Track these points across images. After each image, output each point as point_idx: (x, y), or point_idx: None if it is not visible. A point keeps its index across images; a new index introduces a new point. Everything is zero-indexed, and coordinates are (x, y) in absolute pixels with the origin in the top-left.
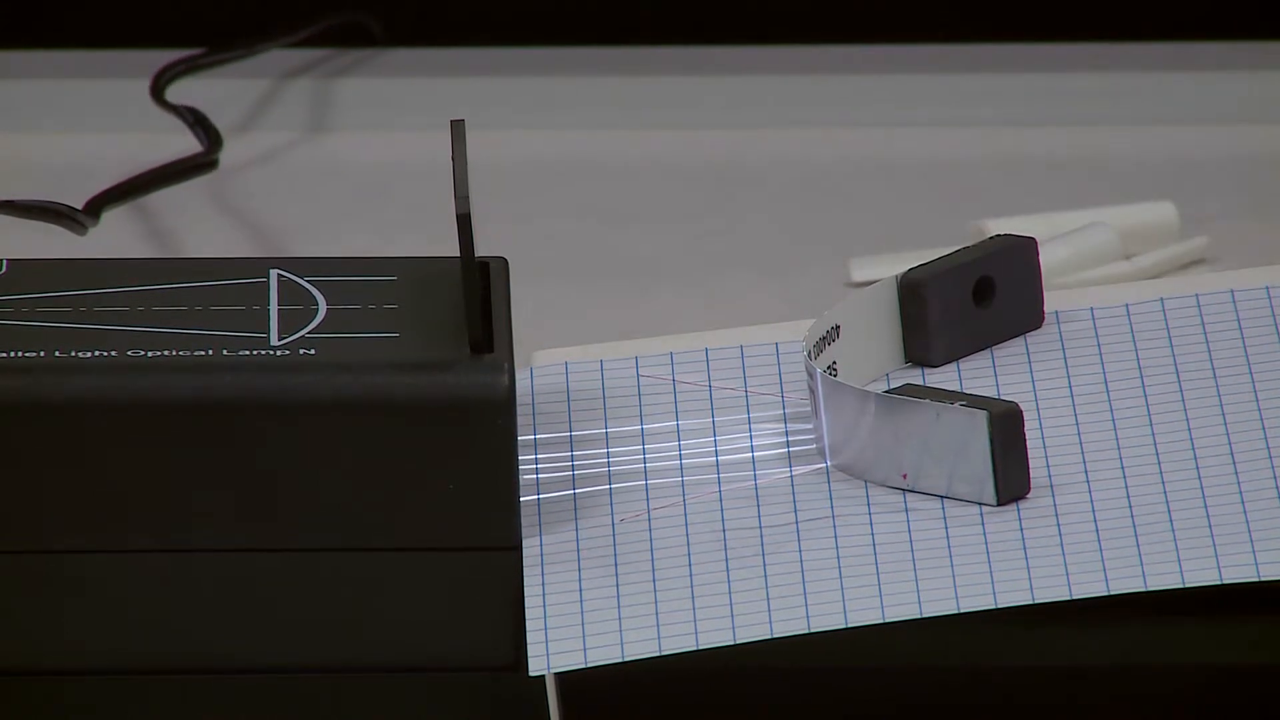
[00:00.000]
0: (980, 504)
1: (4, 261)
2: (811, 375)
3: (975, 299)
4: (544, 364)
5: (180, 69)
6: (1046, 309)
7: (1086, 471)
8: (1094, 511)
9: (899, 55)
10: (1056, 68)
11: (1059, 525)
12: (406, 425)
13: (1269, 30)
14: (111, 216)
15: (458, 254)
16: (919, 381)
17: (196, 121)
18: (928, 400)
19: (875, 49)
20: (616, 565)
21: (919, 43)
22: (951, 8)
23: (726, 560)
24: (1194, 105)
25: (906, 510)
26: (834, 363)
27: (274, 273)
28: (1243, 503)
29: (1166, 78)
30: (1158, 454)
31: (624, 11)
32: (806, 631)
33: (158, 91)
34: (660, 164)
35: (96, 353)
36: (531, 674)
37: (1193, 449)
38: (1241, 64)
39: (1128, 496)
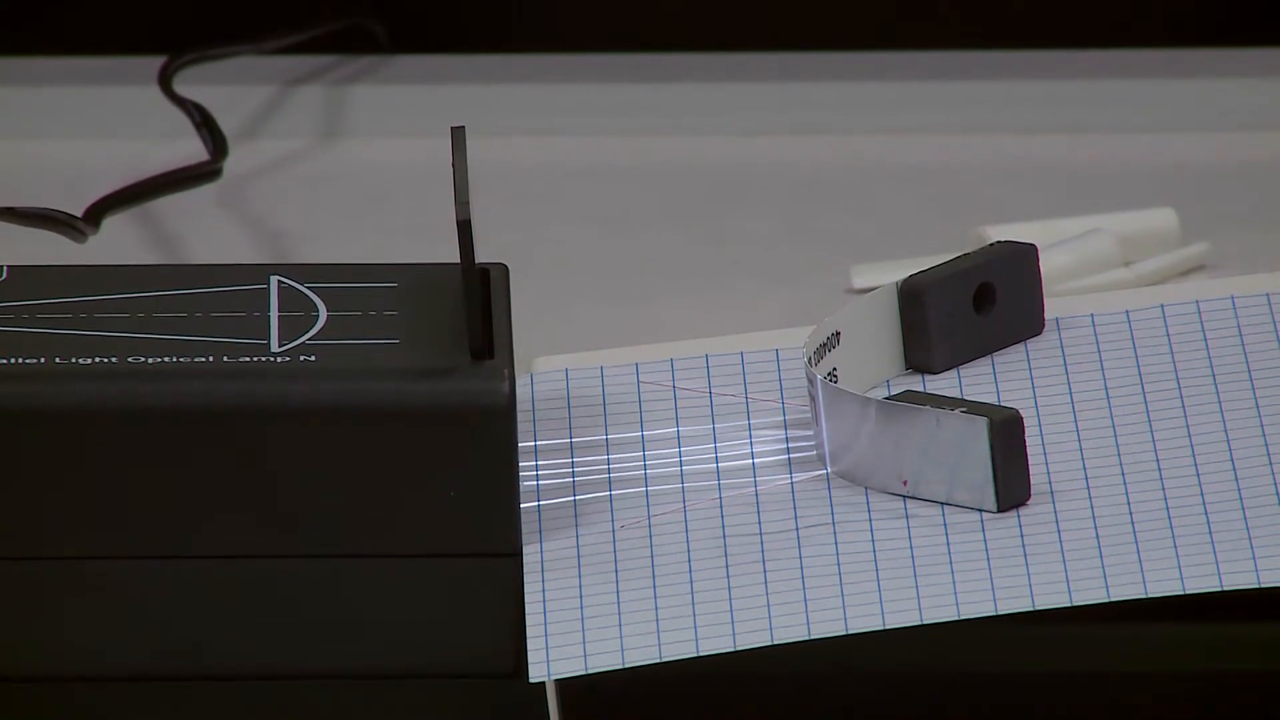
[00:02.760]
0: (980, 510)
1: (4, 268)
2: (812, 382)
3: (976, 305)
4: (544, 370)
5: (188, 59)
6: (1047, 315)
7: (1087, 478)
8: (1094, 518)
9: (899, 62)
10: (1057, 74)
11: (1059, 532)
12: (407, 432)
13: (1270, 37)
14: (113, 222)
15: (458, 260)
16: (919, 388)
17: (203, 121)
18: (928, 407)
19: (876, 56)
20: (617, 571)
21: (920, 49)
22: (952, 14)
23: (727, 566)
24: (1195, 111)
25: (907, 517)
26: (834, 369)
27: (274, 279)
28: (1243, 509)
29: (1167, 84)
30: (1158, 460)
31: (626, 18)
32: (807, 638)
33: (165, 82)
34: (661, 170)
35: (97, 359)
36: (532, 680)
37: (1193, 455)
38: (1242, 70)
39: (1128, 503)
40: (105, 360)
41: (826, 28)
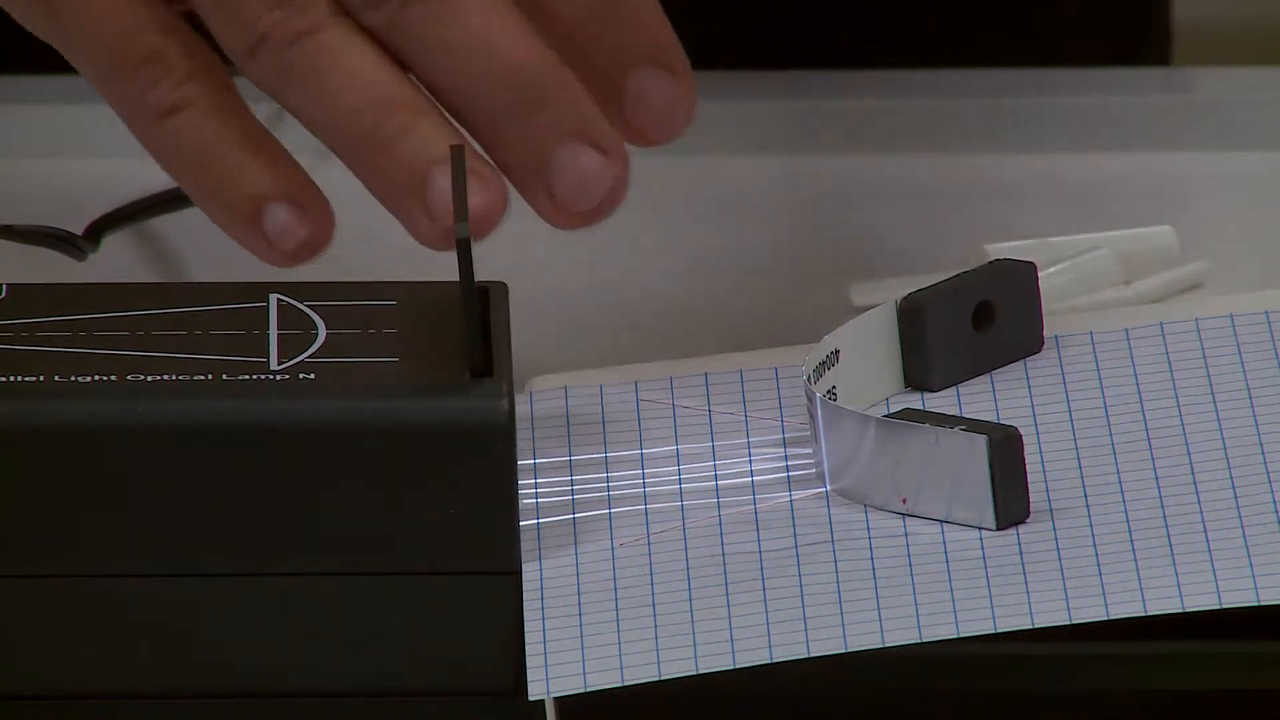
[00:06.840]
0: (980, 528)
1: (4, 286)
2: (811, 400)
3: (975, 323)
4: (543, 388)
5: None
6: (1046, 333)
7: (1086, 496)
8: (1093, 536)
9: (899, 80)
10: (1056, 92)
11: (1058, 549)
12: (406, 450)
13: (1269, 56)
14: (113, 240)
15: (458, 278)
16: (918, 406)
17: None
18: (927, 425)
19: (875, 74)
20: (616, 590)
21: (918, 68)
22: (951, 33)
23: (726, 585)
24: (1194, 129)
25: (906, 535)
26: (834, 387)
27: (273, 297)
28: (1242, 527)
29: (1166, 101)
30: (1157, 478)
31: None
32: (806, 656)
33: None
34: (659, 188)
35: (96, 377)
36: (531, 699)
37: (1192, 473)
38: (1241, 88)
39: (1127, 521)
40: (105, 378)
41: (825, 46)
